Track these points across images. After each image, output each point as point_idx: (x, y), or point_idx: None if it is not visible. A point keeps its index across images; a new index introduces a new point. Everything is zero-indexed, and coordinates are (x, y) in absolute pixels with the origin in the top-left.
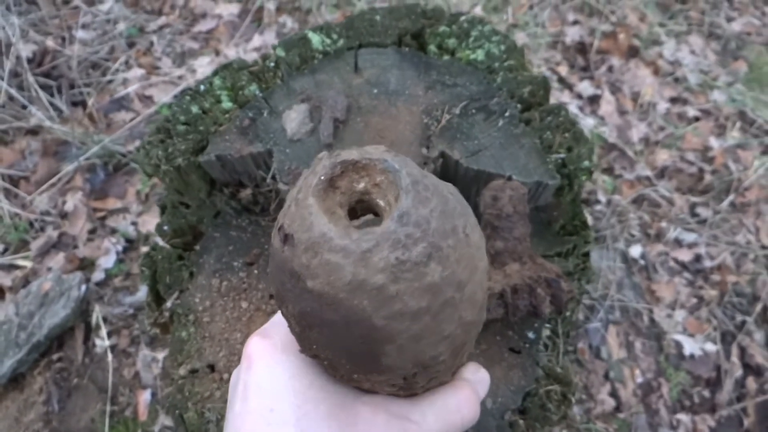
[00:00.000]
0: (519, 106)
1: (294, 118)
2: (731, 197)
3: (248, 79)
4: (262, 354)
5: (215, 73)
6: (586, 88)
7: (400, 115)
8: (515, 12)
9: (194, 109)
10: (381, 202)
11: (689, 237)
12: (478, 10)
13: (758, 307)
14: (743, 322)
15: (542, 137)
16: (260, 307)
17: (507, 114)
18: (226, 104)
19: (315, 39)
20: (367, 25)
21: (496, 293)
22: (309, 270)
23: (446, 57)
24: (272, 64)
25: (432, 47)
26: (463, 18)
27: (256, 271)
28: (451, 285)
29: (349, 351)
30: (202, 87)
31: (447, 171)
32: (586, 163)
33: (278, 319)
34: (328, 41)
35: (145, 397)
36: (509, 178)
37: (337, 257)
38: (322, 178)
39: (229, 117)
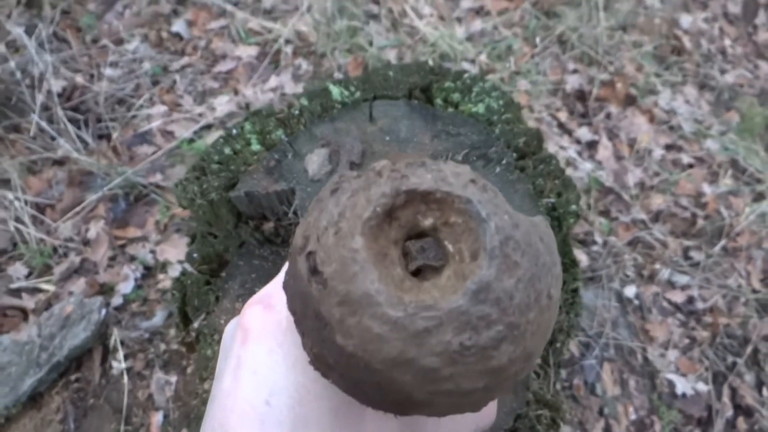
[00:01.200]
0: (514, 154)
1: (315, 161)
2: (723, 242)
3: (275, 125)
4: (262, 331)
5: (246, 118)
6: (584, 133)
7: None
8: (518, 60)
9: (227, 150)
10: (449, 246)
11: (682, 279)
12: (483, 58)
13: (749, 349)
14: (734, 364)
15: (535, 183)
16: None
17: (504, 162)
18: (255, 147)
19: (335, 91)
20: (382, 80)
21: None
22: (342, 326)
23: (451, 109)
24: (297, 112)
25: (438, 100)
26: (466, 75)
27: None
28: (519, 361)
29: (372, 401)
30: (234, 131)
31: None
32: (574, 207)
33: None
34: (346, 93)
35: (157, 418)
36: None
37: (382, 328)
38: (378, 210)
39: (258, 158)
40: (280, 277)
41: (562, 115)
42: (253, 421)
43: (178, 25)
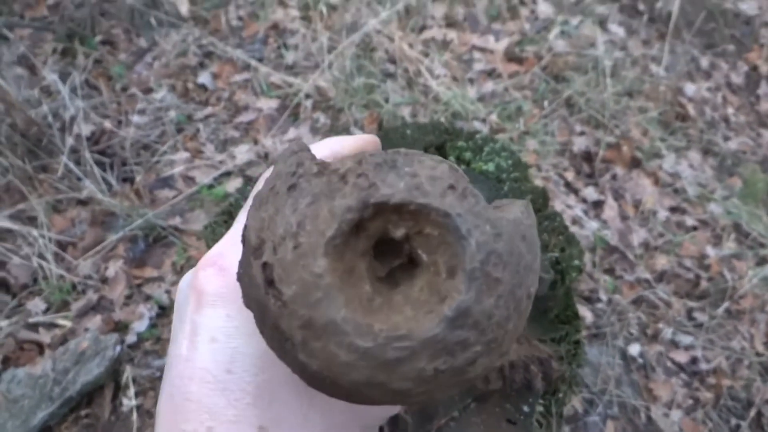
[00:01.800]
0: None
1: None
2: (726, 304)
3: None
4: (217, 296)
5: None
6: (590, 193)
7: None
8: (527, 121)
9: None
10: (423, 256)
11: (686, 339)
12: (493, 118)
13: (752, 412)
14: (738, 427)
15: (540, 238)
16: None
17: None
18: None
19: None
20: (399, 137)
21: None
22: (305, 347)
23: (463, 167)
24: None
25: (451, 158)
26: (478, 136)
27: None
28: (493, 364)
29: (339, 397)
30: None
31: None
32: (576, 262)
33: (239, 239)
34: None
35: None
36: None
37: (350, 357)
38: (344, 227)
39: None
40: (232, 236)
41: (569, 175)
42: (214, 389)
43: (204, 77)
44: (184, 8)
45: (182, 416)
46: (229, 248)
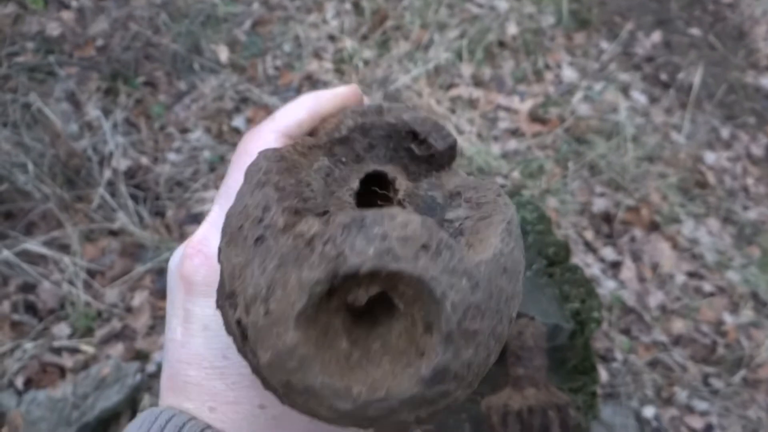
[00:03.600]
0: (545, 261)
1: None
2: (743, 372)
3: None
4: (206, 284)
5: None
6: (609, 253)
7: None
8: (549, 180)
9: None
10: (400, 305)
11: (702, 405)
12: (516, 174)
13: None
14: None
15: (561, 289)
16: None
17: (534, 267)
18: None
19: None
20: None
21: (514, 411)
22: (287, 398)
23: None
24: None
25: None
26: (504, 189)
27: None
28: (469, 393)
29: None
30: None
31: None
32: (595, 314)
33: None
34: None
35: None
36: (532, 318)
37: (330, 414)
38: (314, 299)
39: None
40: (215, 218)
41: (588, 234)
42: (212, 374)
43: (238, 121)
44: (223, 56)
45: (185, 395)
46: (214, 233)
